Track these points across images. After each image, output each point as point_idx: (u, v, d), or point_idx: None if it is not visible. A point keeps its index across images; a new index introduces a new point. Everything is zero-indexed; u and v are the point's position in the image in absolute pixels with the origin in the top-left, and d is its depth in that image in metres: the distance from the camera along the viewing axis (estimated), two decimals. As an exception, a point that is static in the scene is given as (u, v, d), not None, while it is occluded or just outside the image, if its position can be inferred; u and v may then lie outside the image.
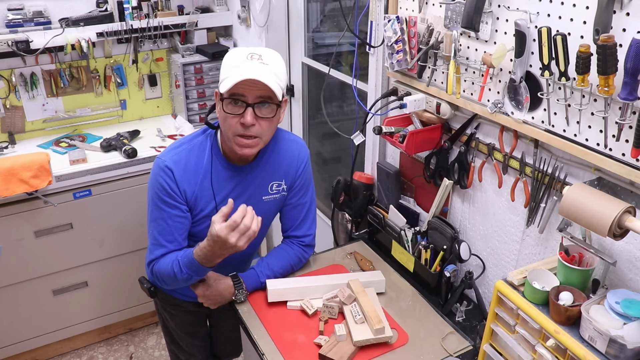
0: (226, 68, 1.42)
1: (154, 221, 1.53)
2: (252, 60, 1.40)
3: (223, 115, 1.43)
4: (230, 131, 1.43)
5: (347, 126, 2.58)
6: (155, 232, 1.53)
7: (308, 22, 2.72)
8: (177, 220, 1.52)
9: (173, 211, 1.51)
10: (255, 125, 1.41)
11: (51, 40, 2.47)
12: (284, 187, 1.66)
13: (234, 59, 1.42)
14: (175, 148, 1.54)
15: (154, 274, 1.57)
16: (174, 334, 1.95)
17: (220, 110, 1.44)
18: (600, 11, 1.06)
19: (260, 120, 1.42)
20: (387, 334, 1.43)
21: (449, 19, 1.48)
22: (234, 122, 1.41)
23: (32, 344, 2.61)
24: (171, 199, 1.49)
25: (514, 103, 1.33)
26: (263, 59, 1.41)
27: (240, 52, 1.43)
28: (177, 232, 1.53)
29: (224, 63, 1.44)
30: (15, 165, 2.18)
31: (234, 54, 1.44)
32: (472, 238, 1.69)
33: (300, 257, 1.73)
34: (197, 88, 2.90)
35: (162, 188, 1.49)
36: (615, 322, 1.04)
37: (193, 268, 1.45)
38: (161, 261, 1.53)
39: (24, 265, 2.42)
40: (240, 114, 1.40)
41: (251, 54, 1.41)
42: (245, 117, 1.40)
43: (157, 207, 1.51)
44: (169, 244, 1.53)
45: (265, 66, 1.40)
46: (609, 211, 1.05)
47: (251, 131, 1.42)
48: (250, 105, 1.40)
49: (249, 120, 1.40)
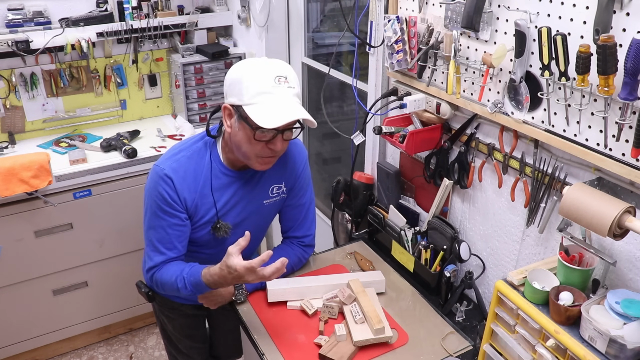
0: (251, 90, 1.35)
1: (153, 229, 1.51)
2: (280, 84, 1.36)
3: (246, 139, 1.40)
4: (253, 153, 1.43)
5: (347, 126, 2.58)
6: (154, 239, 1.51)
7: (308, 22, 2.72)
8: (177, 229, 1.50)
9: (172, 220, 1.49)
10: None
11: (51, 40, 2.47)
12: (283, 190, 1.65)
13: (260, 82, 1.35)
14: (174, 155, 1.51)
15: (154, 281, 1.54)
16: (172, 337, 1.94)
17: (243, 132, 1.40)
18: (600, 11, 1.06)
19: (284, 142, 1.44)
20: (387, 334, 1.43)
21: (449, 19, 1.48)
22: (259, 147, 1.41)
23: (32, 344, 2.61)
24: (171, 208, 1.47)
25: (514, 103, 1.33)
26: (289, 81, 1.38)
27: (265, 72, 1.37)
28: (177, 240, 1.51)
29: (246, 80, 1.36)
30: (15, 165, 2.18)
31: (258, 73, 1.37)
32: (472, 238, 1.69)
33: (301, 257, 1.73)
34: (197, 88, 2.90)
35: (162, 197, 1.46)
36: (615, 322, 1.04)
37: (199, 288, 1.46)
38: (163, 271, 1.51)
39: (24, 265, 2.42)
40: (268, 140, 1.40)
41: (278, 77, 1.36)
42: (275, 144, 1.41)
43: (156, 216, 1.49)
44: (169, 252, 1.51)
45: (292, 90, 1.38)
46: (609, 211, 1.05)
47: (275, 152, 1.44)
48: (280, 132, 1.40)
49: (279, 147, 1.42)
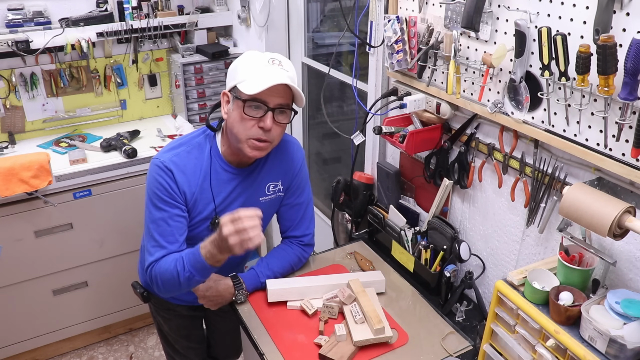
0: (245, 70, 1.41)
1: (154, 222, 1.50)
2: (273, 65, 1.40)
3: (238, 117, 1.42)
4: (244, 133, 1.43)
5: (347, 126, 2.58)
6: (155, 233, 1.50)
7: (308, 22, 2.72)
8: (178, 220, 1.50)
9: (174, 210, 1.49)
10: (271, 130, 1.43)
11: (51, 40, 2.47)
12: (280, 188, 1.65)
13: (253, 62, 1.42)
14: (174, 149, 1.52)
15: (153, 276, 1.51)
16: (168, 337, 1.94)
17: (236, 111, 1.43)
18: (600, 11, 1.06)
19: (275, 125, 1.44)
20: (387, 334, 1.43)
21: (449, 19, 1.48)
22: (250, 124, 1.42)
23: (32, 344, 2.61)
24: (171, 198, 1.48)
25: (514, 103, 1.33)
26: (283, 65, 1.42)
27: (260, 56, 1.43)
28: (178, 232, 1.51)
29: (242, 64, 1.43)
30: (15, 165, 2.18)
31: (253, 57, 1.44)
32: (472, 238, 1.69)
33: (300, 257, 1.73)
34: (197, 88, 2.90)
35: (162, 187, 1.47)
36: (615, 322, 1.04)
37: (197, 266, 1.39)
38: (162, 261, 1.49)
39: (24, 265, 2.42)
40: (259, 117, 1.41)
41: (272, 59, 1.42)
42: (265, 122, 1.41)
43: (157, 208, 1.48)
44: (170, 245, 1.50)
45: (286, 72, 1.41)
46: (609, 211, 1.05)
47: (267, 135, 1.44)
48: (271, 110, 1.41)
49: (269, 125, 1.41)
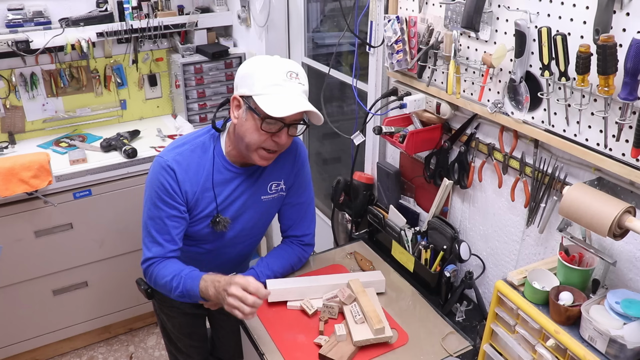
0: (262, 82, 1.39)
1: (151, 219, 1.52)
2: (291, 79, 1.40)
3: (253, 129, 1.42)
4: (256, 144, 1.44)
5: (347, 126, 2.58)
6: (152, 229, 1.52)
7: (308, 22, 2.72)
8: (175, 220, 1.51)
9: (171, 211, 1.50)
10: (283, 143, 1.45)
11: (51, 40, 2.47)
12: (282, 187, 1.66)
13: (271, 75, 1.40)
14: (178, 147, 1.53)
15: (150, 274, 1.55)
16: (171, 335, 1.94)
17: (251, 122, 1.42)
18: (600, 11, 1.06)
19: (287, 137, 1.45)
20: (387, 334, 1.43)
21: (449, 19, 1.48)
22: (264, 137, 1.43)
23: (32, 344, 2.61)
24: (171, 199, 1.49)
25: (514, 103, 1.33)
26: (299, 78, 1.42)
27: (276, 66, 1.41)
28: (174, 231, 1.52)
29: (258, 73, 1.41)
30: (15, 165, 2.18)
31: (269, 66, 1.41)
32: (472, 238, 1.69)
33: (300, 257, 1.73)
34: (197, 88, 2.90)
35: (163, 187, 1.48)
36: (615, 322, 1.04)
37: (191, 292, 1.47)
38: (162, 266, 1.52)
39: (24, 265, 2.42)
40: (274, 132, 1.42)
41: (289, 72, 1.40)
42: (280, 137, 1.43)
43: (156, 206, 1.50)
44: (167, 243, 1.52)
45: (302, 87, 1.42)
46: (609, 211, 1.05)
47: (278, 147, 1.45)
48: (287, 126, 1.42)
49: (284, 140, 1.43)
